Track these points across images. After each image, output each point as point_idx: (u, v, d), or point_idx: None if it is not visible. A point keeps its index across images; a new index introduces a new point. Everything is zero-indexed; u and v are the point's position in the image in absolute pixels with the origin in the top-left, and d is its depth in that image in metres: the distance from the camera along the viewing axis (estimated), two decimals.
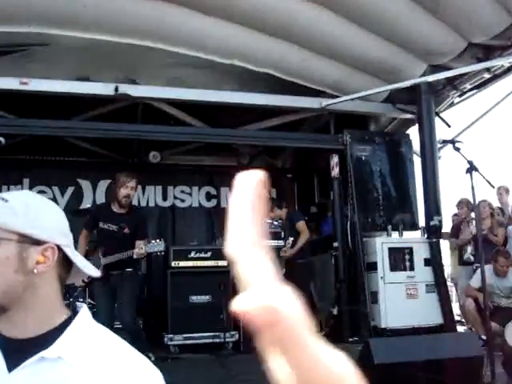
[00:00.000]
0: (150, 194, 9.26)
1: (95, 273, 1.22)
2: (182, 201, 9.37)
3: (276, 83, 7.16)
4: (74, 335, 1.09)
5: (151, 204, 9.23)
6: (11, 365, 1.04)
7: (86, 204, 8.31)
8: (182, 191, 9.39)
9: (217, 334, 6.59)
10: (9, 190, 8.48)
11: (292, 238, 6.28)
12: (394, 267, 6.83)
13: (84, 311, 1.15)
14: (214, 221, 9.35)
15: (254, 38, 6.42)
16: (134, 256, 5.34)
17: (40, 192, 8.58)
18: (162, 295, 7.07)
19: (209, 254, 6.99)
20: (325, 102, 7.30)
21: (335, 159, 7.52)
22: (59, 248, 1.15)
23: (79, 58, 6.68)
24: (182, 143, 8.68)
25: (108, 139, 7.75)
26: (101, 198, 8.85)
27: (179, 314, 6.65)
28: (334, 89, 7.33)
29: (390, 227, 7.28)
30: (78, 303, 1.19)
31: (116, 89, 6.64)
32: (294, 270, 6.32)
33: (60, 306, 1.15)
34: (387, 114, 7.82)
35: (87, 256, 5.59)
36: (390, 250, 6.89)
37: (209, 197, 9.49)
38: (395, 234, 7.34)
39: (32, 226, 1.12)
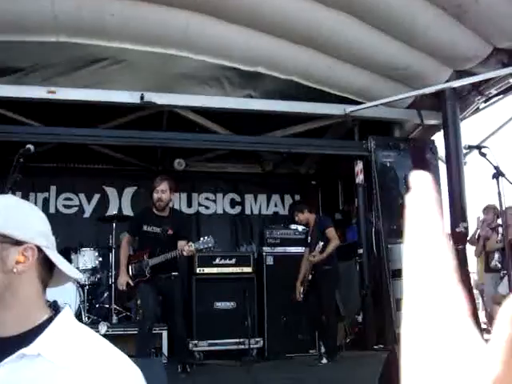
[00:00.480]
0: (175, 200, 9.26)
1: (79, 275, 1.26)
2: (207, 208, 9.42)
3: (297, 90, 7.17)
4: (54, 333, 1.11)
5: None
6: None
7: (112, 211, 8.40)
8: (207, 198, 9.44)
9: (241, 340, 6.61)
10: (36, 196, 8.63)
11: (322, 243, 6.26)
12: None
13: (66, 311, 1.18)
14: (239, 227, 9.39)
15: (279, 45, 6.45)
16: (185, 253, 5.45)
17: (67, 199, 8.73)
18: (186, 301, 7.11)
19: (233, 261, 7.04)
20: (349, 108, 7.30)
21: (360, 165, 7.50)
22: (40, 249, 1.18)
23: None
24: (206, 150, 8.73)
25: (133, 147, 7.84)
26: (126, 205, 8.95)
27: (204, 320, 6.70)
28: (359, 95, 7.32)
29: None
30: (60, 303, 1.20)
31: (142, 97, 6.72)
32: (321, 277, 6.31)
33: (41, 305, 1.17)
34: (412, 120, 7.78)
35: (130, 259, 5.74)
36: None
37: (233, 204, 9.53)
38: None
39: (12, 226, 1.16)
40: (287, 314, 6.88)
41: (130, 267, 5.74)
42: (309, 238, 6.72)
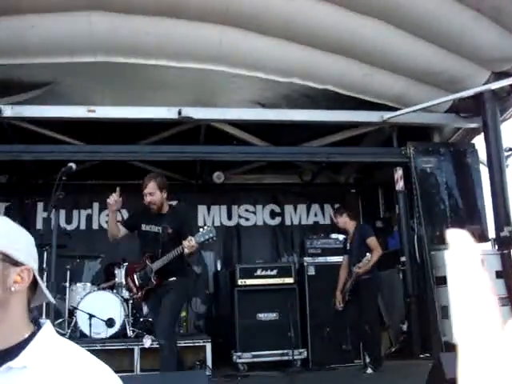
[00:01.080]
0: (215, 213, 9.40)
1: (51, 298, 1.33)
2: (247, 219, 9.46)
3: (332, 98, 7.16)
4: (37, 347, 1.19)
5: (217, 224, 9.34)
6: None
7: None
8: (247, 210, 9.49)
9: (285, 351, 6.59)
10: (80, 213, 8.83)
11: (369, 255, 6.21)
12: None
13: (47, 326, 1.25)
14: (279, 238, 9.40)
15: (314, 55, 6.46)
16: (186, 251, 4.81)
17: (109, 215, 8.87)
18: (229, 313, 7.14)
19: (274, 272, 7.03)
20: (386, 115, 7.24)
21: (399, 172, 7.43)
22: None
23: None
24: (244, 163, 8.78)
25: (173, 161, 7.94)
26: None
27: (247, 331, 6.71)
28: (396, 101, 7.26)
29: None
30: (41, 320, 1.28)
31: (179, 112, 6.82)
32: (361, 286, 6.25)
33: (26, 321, 1.24)
34: (451, 124, 7.67)
35: (134, 269, 5.30)
36: None
37: (273, 215, 9.55)
38: None
39: (13, 247, 1.24)
40: (330, 324, 6.83)
41: (135, 277, 5.27)
42: (348, 245, 6.66)
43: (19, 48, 5.69)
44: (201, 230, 4.89)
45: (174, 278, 5.09)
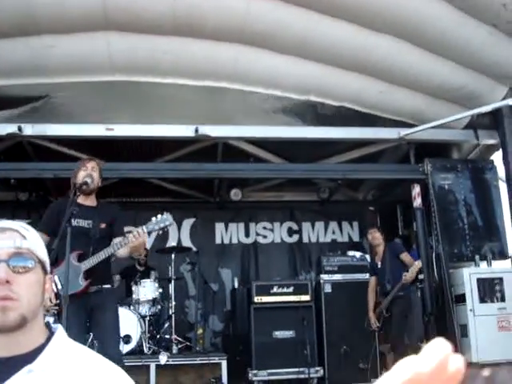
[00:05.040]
0: (232, 231, 9.41)
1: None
2: (264, 237, 9.46)
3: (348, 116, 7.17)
4: (53, 350, 1.24)
5: (234, 241, 9.38)
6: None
7: (171, 243, 8.55)
8: (264, 227, 9.49)
9: (301, 369, 6.55)
10: None
11: (417, 262, 6.37)
12: (484, 299, 6.55)
13: (60, 331, 1.31)
14: (297, 256, 9.37)
15: (330, 72, 6.48)
16: (134, 240, 4.09)
17: (128, 232, 8.93)
18: (246, 331, 7.11)
19: (291, 289, 7.01)
20: (403, 131, 7.22)
21: (417, 189, 7.38)
22: None
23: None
24: (262, 180, 8.80)
25: (190, 179, 7.99)
26: (185, 237, 9.10)
27: (263, 349, 6.67)
28: (413, 118, 7.24)
29: (477, 257, 7.00)
30: (52, 324, 1.34)
31: (196, 130, 6.87)
32: (394, 303, 6.31)
33: (43, 327, 1.31)
34: (469, 140, 7.61)
35: (51, 270, 4.36)
36: (479, 280, 6.62)
37: (290, 232, 9.53)
38: (483, 264, 7.05)
39: (45, 256, 1.33)
40: (347, 342, 6.77)
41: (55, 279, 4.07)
42: (378, 264, 6.71)
43: (38, 68, 5.80)
44: (153, 218, 4.26)
45: (108, 286, 4.41)
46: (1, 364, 1.21)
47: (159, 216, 4.27)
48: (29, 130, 6.65)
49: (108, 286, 4.40)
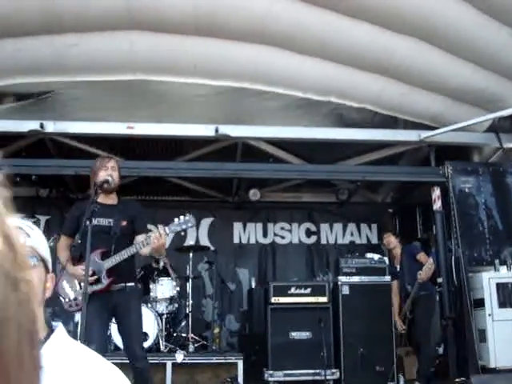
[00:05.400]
0: (250, 231, 9.42)
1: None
2: (282, 237, 9.45)
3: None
4: (51, 348, 1.24)
5: (252, 241, 9.38)
6: None
7: (190, 241, 8.59)
8: (282, 228, 9.49)
9: (317, 371, 6.53)
10: None
11: (430, 259, 6.41)
12: (503, 304, 6.49)
13: (60, 329, 1.30)
14: (314, 257, 9.36)
15: (351, 74, 6.46)
16: (154, 242, 4.11)
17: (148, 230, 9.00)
18: (262, 331, 7.11)
19: (308, 290, 6.99)
20: (423, 134, 7.17)
21: (437, 192, 7.32)
22: None
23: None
24: (280, 180, 8.80)
25: (209, 178, 8.02)
26: (204, 236, 9.13)
27: (279, 350, 6.66)
28: (434, 120, 7.19)
29: (497, 261, 6.94)
30: (53, 322, 1.33)
31: (216, 130, 6.89)
32: (417, 302, 6.33)
33: (43, 324, 1.31)
34: (490, 144, 7.54)
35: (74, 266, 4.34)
36: (498, 285, 6.56)
37: (308, 233, 9.52)
38: (503, 269, 6.98)
39: (48, 255, 1.33)
40: (364, 344, 6.74)
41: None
42: (397, 267, 6.72)
43: (61, 66, 5.86)
44: (176, 219, 4.30)
45: (132, 284, 4.43)
46: None
47: (182, 217, 4.30)
48: (50, 127, 6.72)
49: (131, 284, 4.44)
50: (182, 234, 4.49)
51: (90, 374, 1.19)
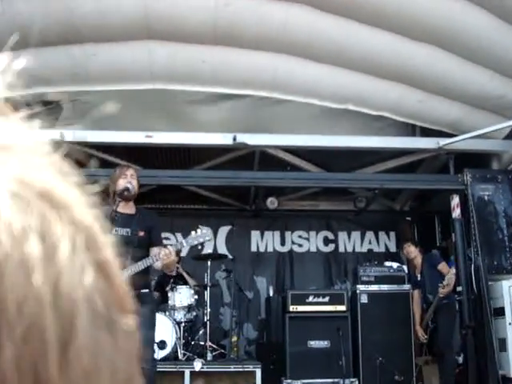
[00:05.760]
0: (268, 239, 9.42)
1: None
2: (300, 246, 9.43)
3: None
4: None
5: (269, 249, 9.38)
6: None
7: (207, 250, 8.60)
8: (300, 236, 9.47)
9: (335, 380, 6.49)
10: None
11: (452, 269, 6.38)
12: None
13: None
14: (332, 265, 9.32)
15: (368, 81, 6.45)
16: (164, 259, 4.20)
17: (165, 238, 9.02)
18: (280, 340, 7.10)
19: (327, 299, 6.97)
20: (442, 141, 7.13)
21: (456, 200, 7.26)
22: None
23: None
24: (298, 189, 8.79)
25: (227, 187, 8.04)
26: (221, 244, 9.15)
27: (297, 358, 6.64)
28: (451, 128, 7.15)
29: None
30: None
31: (234, 138, 6.91)
32: (439, 311, 6.27)
33: None
34: (509, 150, 7.47)
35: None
36: None
37: (326, 241, 9.49)
38: None
39: None
40: (382, 353, 6.69)
41: None
42: (418, 276, 6.68)
43: (79, 76, 5.93)
44: (193, 232, 4.34)
45: (146, 290, 4.50)
46: None
47: (199, 231, 4.37)
48: (70, 136, 6.77)
49: (146, 290, 4.47)
50: (199, 247, 4.42)
51: None
